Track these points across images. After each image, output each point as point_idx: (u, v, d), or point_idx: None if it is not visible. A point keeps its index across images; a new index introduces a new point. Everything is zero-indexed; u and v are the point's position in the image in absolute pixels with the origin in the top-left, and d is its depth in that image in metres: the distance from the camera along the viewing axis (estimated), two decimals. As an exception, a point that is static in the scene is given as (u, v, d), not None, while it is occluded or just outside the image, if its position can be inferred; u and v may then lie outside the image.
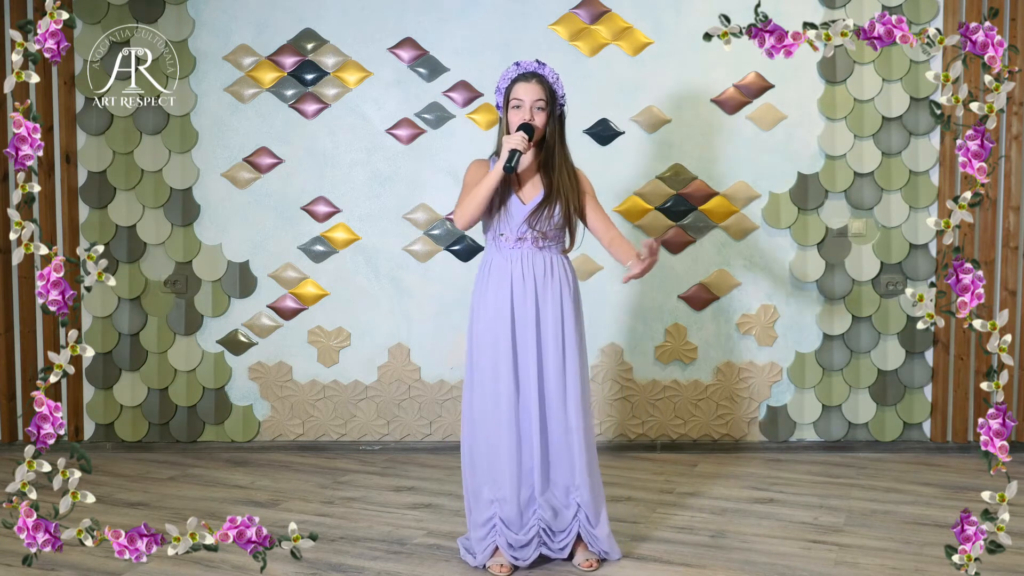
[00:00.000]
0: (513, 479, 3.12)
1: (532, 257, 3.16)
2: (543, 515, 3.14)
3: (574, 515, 3.18)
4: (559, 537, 3.19)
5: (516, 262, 3.15)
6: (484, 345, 3.16)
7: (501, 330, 3.13)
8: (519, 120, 3.10)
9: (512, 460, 3.12)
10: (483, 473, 3.18)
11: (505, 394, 3.12)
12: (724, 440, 4.86)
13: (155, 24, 4.77)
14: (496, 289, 3.15)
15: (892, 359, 4.80)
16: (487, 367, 3.15)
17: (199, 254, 4.87)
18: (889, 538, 3.49)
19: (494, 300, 3.15)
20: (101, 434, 4.93)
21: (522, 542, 3.13)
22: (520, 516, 3.14)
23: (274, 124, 4.83)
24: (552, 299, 3.15)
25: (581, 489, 3.16)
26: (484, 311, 3.17)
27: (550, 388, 3.14)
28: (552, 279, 3.16)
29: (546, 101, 3.13)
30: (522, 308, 3.13)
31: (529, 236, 3.15)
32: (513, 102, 3.13)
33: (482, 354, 3.16)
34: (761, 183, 4.77)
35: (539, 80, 3.14)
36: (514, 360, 3.13)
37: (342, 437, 4.91)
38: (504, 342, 3.13)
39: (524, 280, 3.14)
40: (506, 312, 3.13)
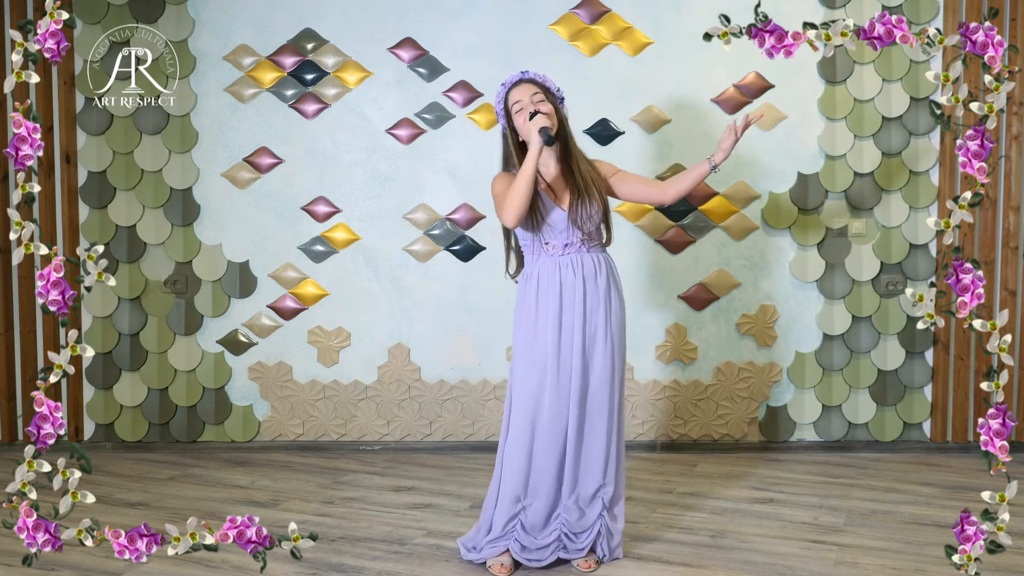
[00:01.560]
0: (550, 487, 3.14)
1: (582, 259, 3.17)
2: (567, 518, 3.15)
3: (599, 513, 3.19)
4: (581, 538, 3.18)
5: (567, 267, 3.16)
6: (530, 352, 3.16)
7: (550, 337, 3.13)
8: (524, 120, 3.11)
9: (551, 469, 3.14)
10: (517, 476, 3.16)
11: (548, 401, 3.13)
12: (724, 440, 4.86)
13: (155, 24, 4.77)
14: (544, 295, 3.15)
15: (892, 359, 4.80)
16: (532, 375, 3.15)
17: (199, 254, 4.87)
18: (889, 538, 3.49)
19: (543, 306, 3.15)
20: (101, 434, 4.93)
21: (540, 545, 3.15)
22: (544, 520, 3.16)
23: (274, 124, 4.84)
24: (604, 300, 3.17)
25: (608, 486, 3.19)
26: (530, 317, 3.17)
27: (594, 391, 3.15)
28: (601, 278, 3.18)
29: (543, 94, 3.16)
30: (570, 312, 3.14)
31: (576, 239, 3.16)
32: (514, 107, 3.15)
33: (527, 361, 3.16)
34: (761, 183, 4.77)
35: (528, 81, 3.20)
36: (558, 366, 3.13)
37: (342, 437, 4.91)
38: (552, 348, 3.13)
39: (575, 282, 3.14)
40: (554, 317, 3.13)
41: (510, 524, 3.17)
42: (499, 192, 3.16)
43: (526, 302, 3.20)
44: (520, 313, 3.21)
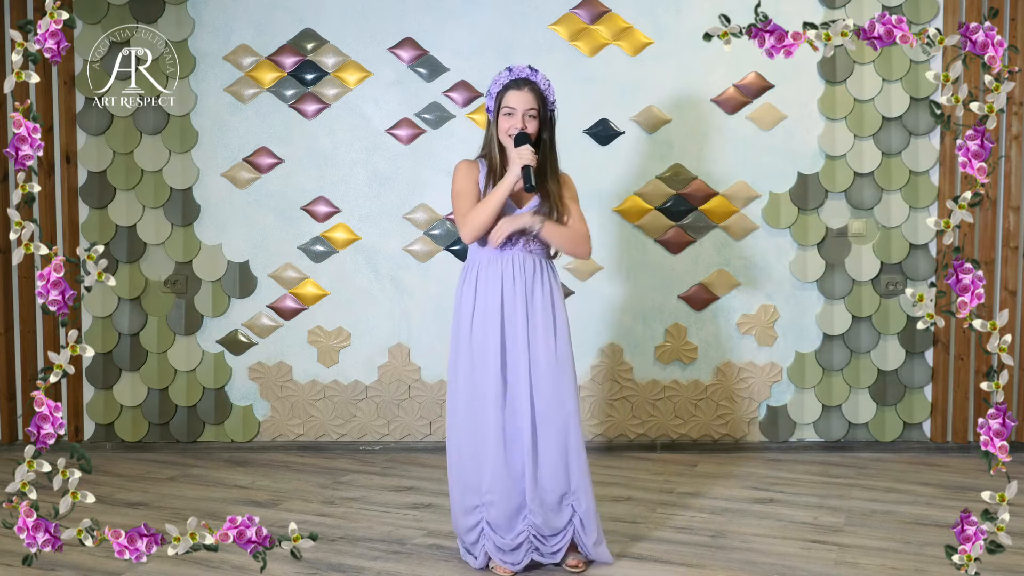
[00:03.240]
0: (501, 483, 3.09)
1: (523, 259, 3.14)
2: (534, 520, 3.10)
3: (568, 520, 3.15)
4: (551, 542, 3.15)
5: (507, 263, 3.12)
6: (471, 347, 3.13)
7: (491, 331, 3.10)
8: (509, 126, 3.08)
9: (499, 464, 3.09)
10: (469, 477, 3.14)
11: (492, 396, 3.09)
12: (724, 440, 4.86)
13: (155, 24, 4.77)
14: (485, 289, 3.13)
15: (892, 359, 4.80)
16: (474, 369, 3.12)
17: (199, 254, 4.87)
18: (889, 538, 3.49)
19: (483, 300, 3.12)
20: (101, 434, 4.93)
21: (511, 546, 3.11)
22: (509, 520, 3.11)
23: (274, 124, 4.83)
24: (543, 301, 3.13)
25: (578, 495, 3.13)
26: (470, 312, 3.14)
27: (542, 390, 3.10)
28: (543, 281, 3.14)
29: (538, 109, 3.11)
30: (512, 309, 3.11)
31: (520, 240, 3.13)
32: (505, 109, 3.10)
33: (469, 356, 3.13)
34: (761, 183, 4.77)
35: (531, 88, 3.10)
36: (502, 362, 3.10)
37: (342, 437, 4.91)
38: (493, 343, 3.10)
39: (515, 281, 3.11)
40: (496, 312, 3.10)
41: (478, 526, 3.13)
42: (460, 190, 3.12)
43: (464, 294, 3.16)
44: (460, 304, 3.17)
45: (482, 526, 3.14)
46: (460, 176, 3.15)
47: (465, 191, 3.12)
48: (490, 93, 3.17)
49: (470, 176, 3.14)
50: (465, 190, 3.13)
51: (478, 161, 3.20)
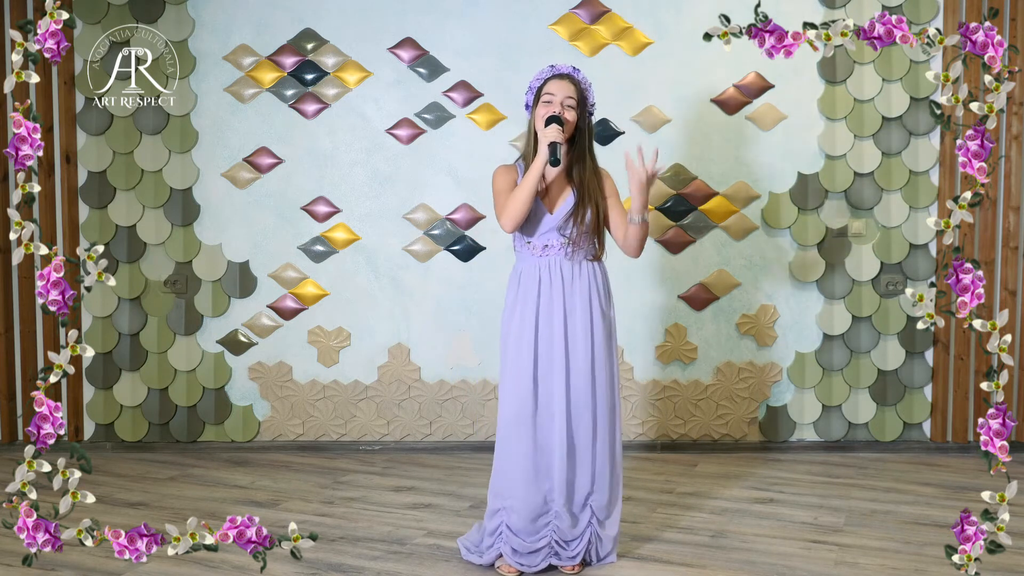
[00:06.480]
0: (524, 487, 3.09)
1: (560, 264, 3.13)
2: (559, 524, 3.12)
3: (588, 520, 3.16)
4: (571, 546, 3.15)
5: (544, 270, 3.12)
6: (512, 355, 3.13)
7: (525, 340, 3.11)
8: (545, 112, 3.07)
9: (526, 469, 3.09)
10: (498, 480, 3.16)
11: (524, 403, 3.10)
12: (724, 440, 4.86)
13: (155, 24, 4.77)
14: (524, 298, 3.13)
15: (892, 359, 4.80)
16: (513, 378, 3.13)
17: (199, 254, 4.87)
18: (889, 538, 3.49)
19: (521, 309, 3.13)
20: (101, 434, 4.93)
21: (530, 549, 3.11)
22: (531, 524, 3.11)
23: (274, 124, 4.83)
24: (581, 306, 3.12)
25: (598, 493, 3.15)
26: (512, 321, 3.15)
27: (578, 396, 3.11)
28: (580, 284, 3.13)
29: (576, 101, 3.10)
30: (547, 317, 3.10)
31: (556, 244, 3.13)
32: (544, 97, 3.09)
33: (509, 364, 3.14)
34: (761, 183, 4.77)
35: (572, 80, 3.12)
36: (535, 370, 3.10)
37: (342, 437, 4.91)
38: (527, 352, 3.10)
39: (551, 287, 3.11)
40: (531, 321, 3.11)
41: (498, 529, 3.15)
42: (499, 189, 3.14)
43: (508, 301, 3.18)
44: (505, 312, 3.19)
45: (502, 529, 3.15)
46: (498, 178, 3.16)
47: (503, 189, 3.13)
48: (531, 88, 3.18)
49: (508, 177, 3.15)
50: (503, 188, 3.13)
51: (516, 164, 3.20)
